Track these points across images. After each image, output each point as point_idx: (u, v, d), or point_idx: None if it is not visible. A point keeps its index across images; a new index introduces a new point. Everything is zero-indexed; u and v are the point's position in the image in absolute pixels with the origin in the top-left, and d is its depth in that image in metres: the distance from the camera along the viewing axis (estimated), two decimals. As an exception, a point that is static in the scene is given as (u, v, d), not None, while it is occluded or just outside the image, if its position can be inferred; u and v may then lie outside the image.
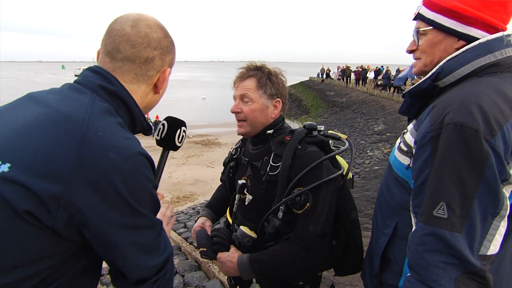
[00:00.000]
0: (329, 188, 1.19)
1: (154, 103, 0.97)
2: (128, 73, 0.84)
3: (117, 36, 0.82)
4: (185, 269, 3.26)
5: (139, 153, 0.76)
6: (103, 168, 0.68)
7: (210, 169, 10.89)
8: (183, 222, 5.04)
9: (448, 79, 0.89)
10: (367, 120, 15.77)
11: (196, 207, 6.42)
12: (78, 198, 0.66)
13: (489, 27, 0.88)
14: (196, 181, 8.94)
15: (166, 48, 0.89)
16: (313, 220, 1.15)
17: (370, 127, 14.03)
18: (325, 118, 20.58)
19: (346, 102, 21.98)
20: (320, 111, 23.34)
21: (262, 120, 1.28)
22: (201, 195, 8.20)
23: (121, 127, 0.78)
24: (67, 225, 0.68)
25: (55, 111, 0.73)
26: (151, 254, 0.79)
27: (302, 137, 1.24)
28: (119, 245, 0.74)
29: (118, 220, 0.71)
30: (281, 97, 1.30)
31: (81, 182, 0.66)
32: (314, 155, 1.21)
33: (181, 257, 3.62)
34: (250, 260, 1.20)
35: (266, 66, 1.32)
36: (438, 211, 0.77)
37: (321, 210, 1.16)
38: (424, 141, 0.82)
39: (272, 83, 1.28)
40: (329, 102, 24.11)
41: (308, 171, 1.16)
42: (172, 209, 1.13)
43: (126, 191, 0.70)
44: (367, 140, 11.74)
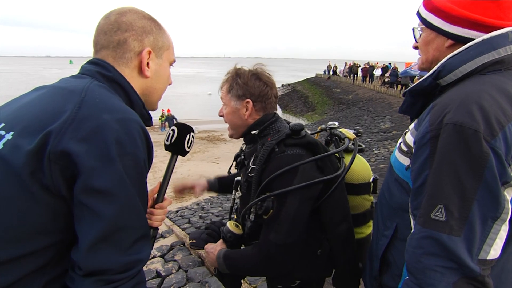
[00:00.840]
0: (297, 196, 1.12)
1: (152, 91, 0.95)
2: (107, 58, 0.87)
3: (95, 31, 0.89)
4: (188, 265, 3.27)
5: (135, 121, 0.76)
6: (96, 126, 0.69)
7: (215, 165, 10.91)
8: (187, 218, 5.06)
9: (450, 77, 0.86)
10: (373, 117, 15.65)
11: (201, 203, 6.44)
12: (72, 151, 0.67)
13: (478, 25, 0.86)
14: (201, 177, 8.93)
15: (142, 28, 0.88)
16: (275, 228, 1.11)
17: (376, 125, 13.93)
18: (331, 115, 20.45)
19: (352, 99, 21.82)
20: (326, 108, 23.21)
21: (238, 122, 1.29)
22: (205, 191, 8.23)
23: (120, 101, 0.81)
24: (62, 181, 0.68)
25: (56, 87, 0.80)
26: (118, 246, 0.71)
27: (282, 139, 1.18)
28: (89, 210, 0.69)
29: (101, 180, 0.68)
30: (251, 96, 1.24)
31: (73, 137, 0.67)
32: (291, 158, 1.15)
33: (184, 253, 3.64)
34: (224, 256, 1.24)
35: (241, 68, 1.28)
36: (436, 214, 0.75)
37: (285, 219, 1.11)
38: (423, 141, 0.80)
39: (238, 84, 1.25)
40: (335, 99, 23.96)
41: (278, 175, 1.12)
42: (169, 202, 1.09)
43: (117, 153, 0.69)
44: (373, 138, 11.66)
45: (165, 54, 0.95)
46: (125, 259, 0.72)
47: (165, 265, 3.31)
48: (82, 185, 0.68)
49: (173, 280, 2.96)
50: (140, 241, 0.75)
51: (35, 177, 0.68)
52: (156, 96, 0.98)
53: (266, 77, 1.28)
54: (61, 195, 0.70)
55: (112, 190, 0.69)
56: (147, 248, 0.78)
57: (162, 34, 0.94)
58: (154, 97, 0.97)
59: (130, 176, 0.72)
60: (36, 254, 0.71)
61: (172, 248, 3.82)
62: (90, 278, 0.69)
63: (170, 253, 3.68)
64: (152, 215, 1.00)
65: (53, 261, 0.73)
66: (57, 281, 0.74)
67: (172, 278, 3.03)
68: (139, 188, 0.75)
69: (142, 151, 0.75)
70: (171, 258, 3.51)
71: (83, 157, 0.67)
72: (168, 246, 3.89)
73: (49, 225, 0.71)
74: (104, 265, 0.69)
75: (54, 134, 0.67)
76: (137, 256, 0.74)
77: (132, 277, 0.73)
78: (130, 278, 0.73)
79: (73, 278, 0.71)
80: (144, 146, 0.76)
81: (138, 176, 0.74)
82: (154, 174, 9.60)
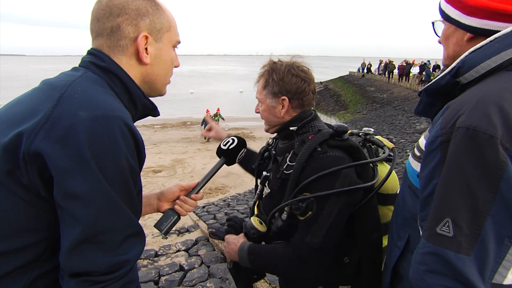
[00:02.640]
0: (339, 200, 1.08)
1: (155, 77, 0.88)
2: (102, 47, 0.82)
3: (90, 18, 0.83)
4: (211, 260, 3.32)
5: (117, 118, 0.69)
6: (70, 125, 0.65)
7: (243, 162, 11.01)
8: (213, 214, 5.13)
9: (471, 74, 0.77)
10: (408, 117, 14.98)
11: (227, 200, 6.50)
12: (44, 153, 0.64)
13: (500, 15, 0.75)
14: (229, 174, 9.06)
15: (136, 11, 0.80)
16: (312, 231, 1.08)
17: (411, 125, 13.31)
18: (364, 115, 19.87)
19: (387, 98, 21.05)
20: (359, 107, 22.57)
21: (274, 119, 1.25)
22: (232, 188, 8.30)
23: (109, 95, 0.76)
24: (41, 182, 0.67)
25: (46, 83, 0.77)
26: (102, 248, 0.68)
27: (325, 139, 1.14)
28: (67, 213, 0.67)
29: (76, 184, 0.65)
30: (288, 93, 1.20)
31: (46, 137, 0.65)
32: (333, 160, 1.11)
33: (208, 248, 3.69)
34: (249, 249, 1.20)
35: (277, 62, 1.23)
36: (442, 228, 0.67)
37: (323, 223, 1.07)
38: (433, 146, 0.73)
39: (274, 81, 1.20)
40: (368, 98, 23.24)
41: (320, 177, 1.07)
42: (202, 197, 1.14)
43: (91, 154, 0.65)
44: (408, 139, 11.16)
45: (166, 36, 0.87)
46: (111, 260, 0.69)
47: (188, 259, 3.38)
48: (58, 188, 0.66)
49: (195, 275, 3.02)
50: (128, 240, 0.72)
51: (13, 176, 0.67)
52: (160, 82, 0.91)
53: (303, 71, 1.21)
54: (41, 195, 0.68)
55: (88, 194, 0.65)
56: (137, 246, 0.75)
57: (160, 14, 0.85)
58: (158, 84, 0.90)
59: (108, 177, 0.67)
60: (24, 249, 0.70)
61: (196, 243, 3.89)
62: (76, 279, 0.68)
63: (194, 247, 3.75)
64: (184, 203, 1.06)
65: (42, 257, 0.73)
66: (48, 275, 0.74)
67: (194, 272, 3.08)
68: (122, 188, 0.70)
69: (124, 150, 0.69)
70: (195, 253, 3.57)
71: (56, 159, 0.64)
72: (193, 240, 3.96)
73: (34, 223, 0.70)
74: (88, 267, 0.68)
75: (27, 134, 0.65)
76: (123, 257, 0.71)
77: (120, 277, 0.71)
78: (118, 278, 0.70)
79: (62, 276, 0.71)
80: (128, 144, 0.71)
81: (119, 175, 0.69)
82: (184, 170, 9.84)
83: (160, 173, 9.43)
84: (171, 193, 1.09)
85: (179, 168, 9.97)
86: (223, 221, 4.70)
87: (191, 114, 21.85)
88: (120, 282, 0.71)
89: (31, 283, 0.72)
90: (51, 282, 0.74)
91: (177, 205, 1.07)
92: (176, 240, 4.07)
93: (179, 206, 1.06)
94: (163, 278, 2.99)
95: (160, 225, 1.03)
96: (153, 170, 9.59)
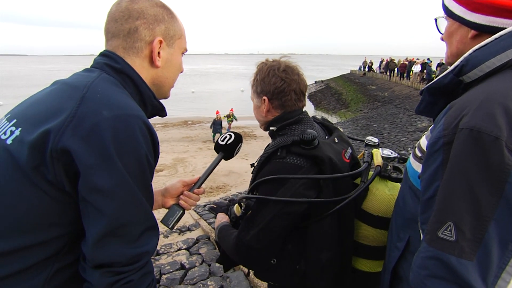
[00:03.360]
0: (276, 207, 1.06)
1: (163, 80, 0.94)
2: (117, 48, 0.86)
3: (106, 18, 0.87)
4: (212, 259, 3.32)
5: (137, 117, 0.74)
6: (95, 124, 0.69)
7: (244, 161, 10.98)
8: (214, 212, 5.14)
9: (475, 73, 0.75)
10: (410, 116, 14.95)
11: (228, 198, 6.52)
12: (71, 149, 0.68)
13: (506, 11, 0.73)
14: (230, 173, 9.07)
15: (154, 16, 0.86)
16: (246, 228, 1.13)
17: (413, 124, 13.29)
18: (365, 113, 19.83)
19: (388, 97, 21.02)
20: (360, 105, 22.53)
21: (260, 118, 1.30)
22: (233, 187, 8.30)
23: (126, 96, 0.80)
24: (67, 177, 0.70)
25: (64, 83, 0.81)
26: (124, 240, 0.73)
27: (286, 145, 1.11)
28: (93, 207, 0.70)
29: (101, 179, 0.69)
30: (267, 94, 1.19)
31: (73, 135, 0.68)
32: (287, 167, 1.08)
33: (209, 247, 3.70)
34: (219, 228, 1.32)
35: (264, 63, 1.24)
36: (444, 232, 0.66)
37: (257, 223, 1.09)
38: (435, 147, 0.70)
39: (257, 81, 1.23)
40: (370, 97, 23.20)
41: (266, 181, 1.09)
42: (203, 191, 1.18)
43: (115, 151, 0.69)
44: (409, 138, 11.15)
45: (177, 43, 0.93)
46: (132, 251, 0.73)
47: (189, 258, 3.39)
48: (84, 183, 0.69)
49: (196, 273, 3.03)
50: (146, 233, 0.76)
51: (39, 172, 0.70)
52: (168, 85, 0.96)
53: (284, 72, 1.18)
54: (65, 190, 0.72)
55: (112, 188, 0.70)
56: (153, 239, 0.79)
57: (174, 22, 0.91)
58: (165, 87, 0.96)
59: (131, 173, 0.72)
60: (47, 243, 0.74)
61: (197, 242, 3.90)
62: (100, 270, 0.72)
63: (195, 246, 3.76)
64: (188, 198, 1.12)
65: (63, 250, 0.76)
66: (68, 268, 0.77)
67: (195, 271, 3.09)
68: (142, 183, 0.75)
69: (144, 147, 0.74)
70: (196, 252, 3.58)
71: (82, 155, 0.68)
72: (194, 239, 3.97)
73: (57, 217, 0.74)
74: (111, 258, 0.72)
75: (54, 132, 0.69)
76: (143, 249, 0.75)
77: (140, 268, 0.75)
78: (138, 269, 0.75)
79: (84, 268, 0.75)
80: (147, 142, 0.76)
81: (140, 172, 0.74)
82: (185, 169, 9.85)
83: (162, 172, 9.44)
84: (175, 189, 1.14)
85: (180, 167, 9.98)
86: (224, 220, 4.71)
87: (192, 113, 21.87)
88: (140, 273, 0.75)
89: (52, 275, 0.76)
90: (70, 275, 0.78)
91: (181, 200, 1.12)
92: (177, 239, 4.08)
93: (183, 201, 1.12)
94: (164, 277, 3.00)
95: (167, 220, 1.08)
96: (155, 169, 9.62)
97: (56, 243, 0.75)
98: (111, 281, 0.72)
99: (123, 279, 0.72)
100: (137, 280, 0.74)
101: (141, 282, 0.76)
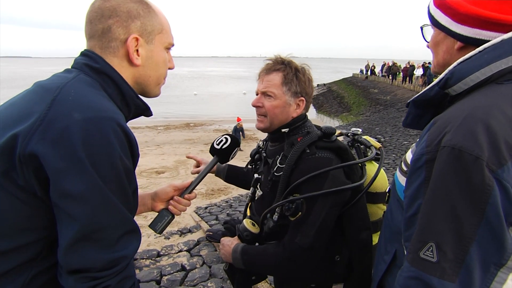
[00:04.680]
0: (327, 201, 1.10)
1: (146, 79, 0.89)
2: (95, 49, 0.83)
3: (84, 19, 0.84)
4: (212, 261, 3.33)
5: (110, 118, 0.71)
6: (65, 127, 0.67)
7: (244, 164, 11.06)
8: (215, 215, 5.14)
9: (460, 86, 0.74)
10: (412, 119, 14.94)
11: (229, 201, 6.52)
12: (39, 154, 0.66)
13: (492, 24, 0.72)
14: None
15: (127, 13, 0.82)
16: (302, 231, 1.10)
17: (415, 127, 13.28)
18: (367, 117, 19.81)
19: (390, 100, 21.00)
20: (362, 109, 22.52)
21: (282, 118, 1.24)
22: (234, 189, 8.30)
23: (102, 97, 0.77)
24: (38, 183, 0.68)
25: (39, 85, 0.78)
26: (99, 245, 0.70)
27: (314, 141, 1.16)
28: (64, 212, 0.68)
29: (71, 184, 0.66)
30: (306, 96, 1.25)
31: (41, 139, 0.66)
32: (322, 162, 1.13)
33: (209, 249, 3.71)
34: (243, 250, 1.21)
35: (294, 62, 1.26)
36: (425, 253, 0.65)
37: (313, 222, 1.09)
38: (418, 164, 0.70)
39: (299, 80, 1.22)
40: (372, 100, 23.19)
41: (309, 178, 1.10)
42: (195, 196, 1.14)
43: (86, 154, 0.66)
44: (411, 141, 11.15)
45: (157, 38, 0.88)
46: (108, 256, 0.71)
47: (190, 260, 3.40)
48: (54, 188, 0.67)
49: (196, 275, 3.04)
50: (124, 237, 0.74)
51: (9, 177, 0.68)
52: (153, 83, 0.91)
53: (310, 75, 1.29)
54: (38, 195, 0.70)
55: (83, 193, 0.67)
56: (133, 243, 0.76)
57: (152, 17, 0.86)
58: (150, 85, 0.91)
59: (103, 177, 0.69)
60: (23, 248, 0.72)
61: (198, 243, 3.91)
62: (74, 275, 0.70)
63: (196, 248, 3.77)
64: (178, 203, 1.08)
65: (41, 255, 0.74)
66: (46, 273, 0.76)
67: (196, 272, 3.10)
68: (117, 187, 0.72)
69: (118, 150, 0.71)
70: (197, 253, 3.59)
71: (51, 160, 0.65)
72: (195, 241, 3.98)
73: (30, 223, 0.72)
74: (85, 264, 0.70)
75: (22, 136, 0.67)
76: (121, 253, 0.73)
77: (118, 272, 0.73)
78: (115, 274, 0.72)
79: (60, 273, 0.73)
80: (122, 144, 0.72)
81: (114, 175, 0.71)
82: (187, 171, 9.87)
83: (163, 174, 9.46)
84: (165, 193, 1.11)
85: (182, 169, 10.00)
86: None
87: (195, 116, 21.91)
88: (117, 278, 0.73)
89: (29, 281, 0.74)
90: (48, 280, 0.76)
91: (171, 206, 1.08)
92: (178, 241, 4.09)
93: (173, 207, 1.08)
94: (165, 278, 3.01)
95: (154, 225, 1.06)
96: (156, 171, 9.62)
97: (33, 248, 0.73)
98: (86, 287, 0.70)
99: (100, 285, 0.70)
100: (115, 285, 0.72)
101: (119, 287, 0.73)
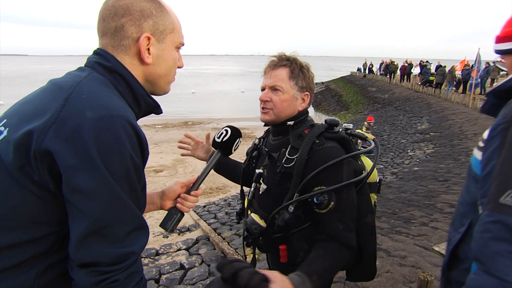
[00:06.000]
0: (351, 187, 1.17)
1: (156, 77, 0.91)
2: (107, 47, 0.85)
3: (97, 18, 0.86)
4: (211, 259, 3.34)
5: (122, 117, 0.73)
6: (78, 125, 0.69)
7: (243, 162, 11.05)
8: (214, 213, 5.15)
9: None
10: (410, 118, 14.97)
11: (228, 199, 6.52)
12: (53, 151, 0.68)
13: None
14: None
15: (140, 12, 0.84)
16: (340, 218, 1.13)
17: (413, 126, 13.31)
18: (365, 115, 19.82)
19: (388, 99, 21.03)
20: (360, 107, 22.55)
21: (288, 111, 1.29)
22: (233, 188, 8.31)
23: (114, 95, 0.79)
24: (51, 178, 0.71)
25: (53, 83, 0.81)
26: (108, 240, 0.73)
27: (321, 132, 1.22)
28: (75, 208, 0.71)
29: (82, 180, 0.69)
30: (310, 91, 1.33)
31: (55, 136, 0.68)
32: (332, 151, 1.18)
33: (208, 247, 3.71)
34: (307, 274, 1.01)
35: (298, 59, 1.32)
36: (505, 199, 0.72)
37: (346, 208, 1.14)
38: (494, 133, 0.81)
39: (304, 75, 1.29)
40: (370, 98, 23.22)
41: (326, 168, 1.13)
42: (202, 192, 1.15)
43: (97, 152, 0.69)
44: (409, 139, 11.16)
45: (169, 38, 0.90)
46: (117, 251, 0.73)
47: (189, 258, 3.40)
48: (66, 184, 0.70)
49: (195, 273, 3.04)
50: (133, 233, 0.76)
51: (24, 171, 0.71)
52: (163, 81, 0.94)
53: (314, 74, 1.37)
54: (51, 190, 0.72)
55: (94, 189, 0.69)
56: (141, 239, 0.79)
57: (164, 16, 0.88)
58: (160, 83, 0.93)
59: (114, 174, 0.71)
60: (35, 241, 0.75)
61: (197, 242, 3.91)
62: (84, 269, 0.72)
63: (195, 246, 3.78)
64: (185, 200, 1.09)
65: (53, 248, 0.77)
66: (58, 265, 0.78)
67: (194, 271, 3.10)
68: (127, 184, 0.74)
69: (128, 148, 0.73)
70: (196, 252, 3.60)
71: (64, 157, 0.68)
72: (194, 239, 3.98)
73: (45, 216, 0.75)
74: (95, 258, 0.72)
75: (37, 133, 0.69)
76: (129, 249, 0.75)
77: (126, 268, 0.75)
78: (123, 269, 0.74)
79: (71, 266, 0.75)
80: (132, 142, 0.74)
81: (124, 173, 0.73)
82: (185, 169, 9.86)
83: (162, 173, 9.45)
84: (172, 192, 1.12)
85: (180, 168, 9.99)
86: (224, 221, 4.72)
87: (193, 114, 21.86)
88: (126, 273, 0.75)
89: (42, 273, 0.76)
90: (60, 272, 0.79)
91: (178, 204, 1.10)
92: (177, 239, 4.09)
93: (181, 204, 1.10)
94: (164, 277, 3.01)
95: (165, 224, 1.07)
96: (154, 169, 9.61)
97: (46, 240, 0.76)
98: (95, 281, 0.72)
99: (108, 279, 0.73)
100: (123, 279, 0.74)
101: (127, 281, 0.76)
